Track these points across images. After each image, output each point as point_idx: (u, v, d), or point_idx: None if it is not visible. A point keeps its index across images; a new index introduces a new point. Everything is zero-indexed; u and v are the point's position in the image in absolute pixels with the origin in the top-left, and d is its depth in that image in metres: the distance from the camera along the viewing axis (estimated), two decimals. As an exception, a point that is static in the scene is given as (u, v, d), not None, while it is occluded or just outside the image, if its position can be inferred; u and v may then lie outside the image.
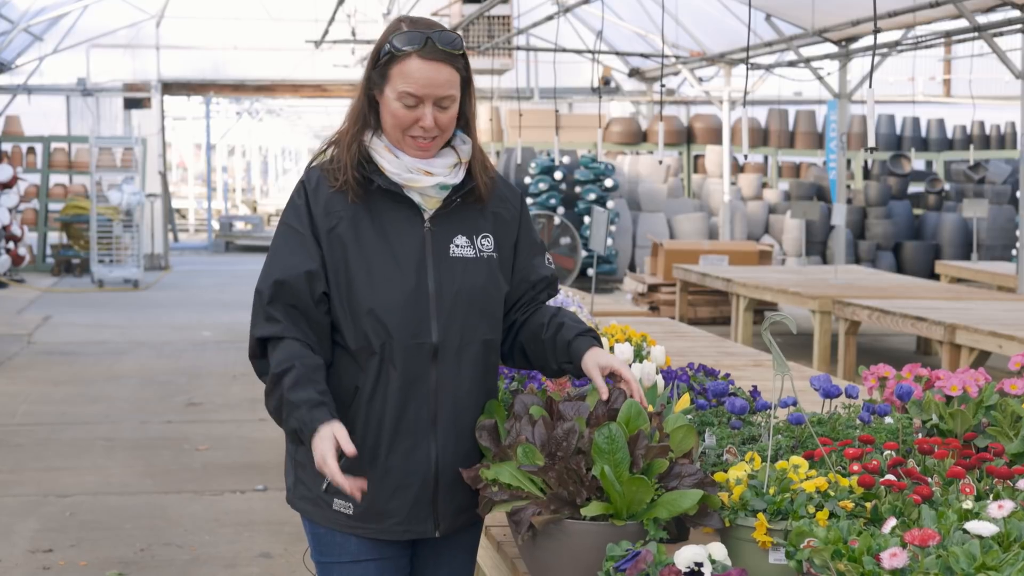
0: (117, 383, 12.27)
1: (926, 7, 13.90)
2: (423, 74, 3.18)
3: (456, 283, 3.27)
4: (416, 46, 3.18)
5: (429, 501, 3.28)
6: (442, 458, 3.27)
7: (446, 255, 3.28)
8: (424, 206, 3.28)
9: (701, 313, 16.64)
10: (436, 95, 3.20)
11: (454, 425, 3.27)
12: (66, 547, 7.23)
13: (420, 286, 3.24)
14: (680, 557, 2.71)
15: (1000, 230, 21.18)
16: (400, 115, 3.21)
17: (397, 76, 3.20)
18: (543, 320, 3.38)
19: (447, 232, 3.29)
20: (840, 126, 18.89)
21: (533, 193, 21.17)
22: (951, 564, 2.40)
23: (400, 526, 3.28)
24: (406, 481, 3.26)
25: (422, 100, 3.19)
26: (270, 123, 48.75)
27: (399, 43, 3.19)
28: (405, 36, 3.19)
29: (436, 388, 3.25)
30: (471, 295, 3.28)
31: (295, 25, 24.19)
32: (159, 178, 25.28)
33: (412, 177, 3.25)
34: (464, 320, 3.27)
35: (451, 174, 3.29)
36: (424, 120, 3.20)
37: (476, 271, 3.30)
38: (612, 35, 23.82)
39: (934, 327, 10.04)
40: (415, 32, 3.20)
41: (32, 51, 24.34)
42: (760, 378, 6.06)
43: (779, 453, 3.55)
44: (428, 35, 3.18)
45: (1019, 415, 3.63)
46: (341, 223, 3.24)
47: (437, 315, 3.24)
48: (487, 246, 3.34)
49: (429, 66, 3.18)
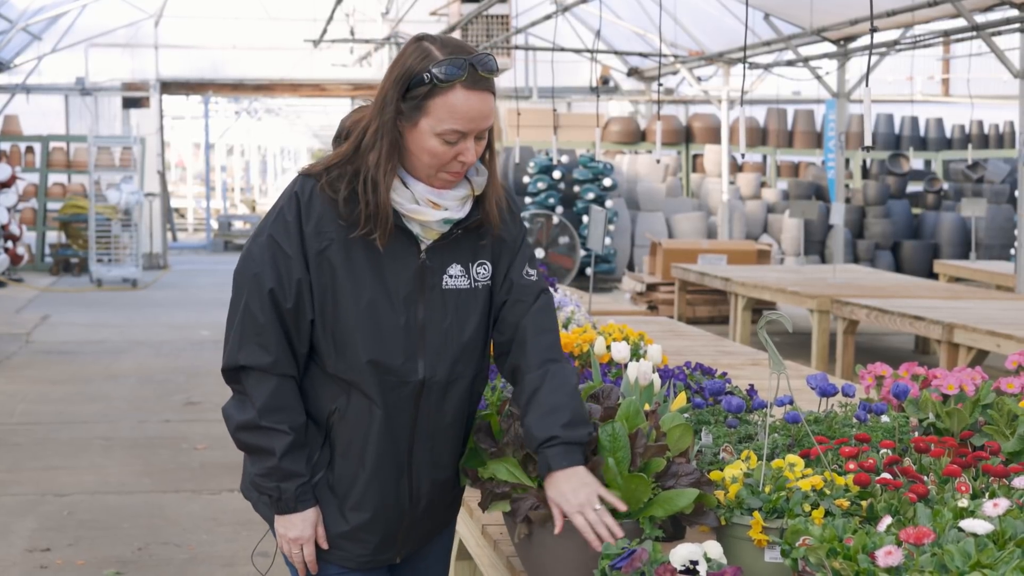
0: (115, 382, 12.27)
1: (924, 6, 13.90)
2: (470, 107, 2.94)
3: (448, 319, 3.09)
4: (460, 75, 2.92)
5: (395, 534, 3.20)
6: (417, 489, 3.17)
7: (439, 288, 3.09)
8: (423, 237, 3.07)
9: (700, 312, 16.64)
10: (480, 128, 2.99)
11: (431, 455, 3.16)
12: (64, 546, 7.22)
13: (409, 322, 3.06)
14: (676, 555, 2.71)
15: (999, 229, 21.18)
16: (439, 152, 2.97)
17: (442, 110, 2.93)
18: (519, 401, 3.14)
19: (442, 262, 3.09)
20: (839, 125, 18.89)
21: (532, 192, 21.18)
22: (946, 562, 2.40)
23: (364, 556, 3.20)
24: (377, 513, 3.15)
25: (466, 135, 2.97)
26: (269, 122, 48.76)
27: (441, 73, 2.91)
28: (446, 64, 2.92)
29: (416, 421, 3.11)
30: (461, 332, 3.11)
31: (294, 24, 24.20)
32: (158, 177, 25.28)
33: (418, 209, 3.02)
34: (453, 358, 3.11)
35: (459, 208, 3.06)
36: (466, 155, 2.98)
37: (469, 305, 3.13)
38: (611, 34, 23.82)
39: (932, 326, 10.04)
40: (456, 58, 2.93)
41: (31, 50, 24.34)
42: (757, 377, 6.06)
43: (775, 452, 3.56)
44: (471, 61, 2.93)
45: (1015, 414, 3.63)
46: (332, 245, 3.02)
47: (425, 352, 3.07)
48: (483, 275, 3.15)
49: (476, 97, 2.95)
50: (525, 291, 3.18)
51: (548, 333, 3.18)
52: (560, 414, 3.04)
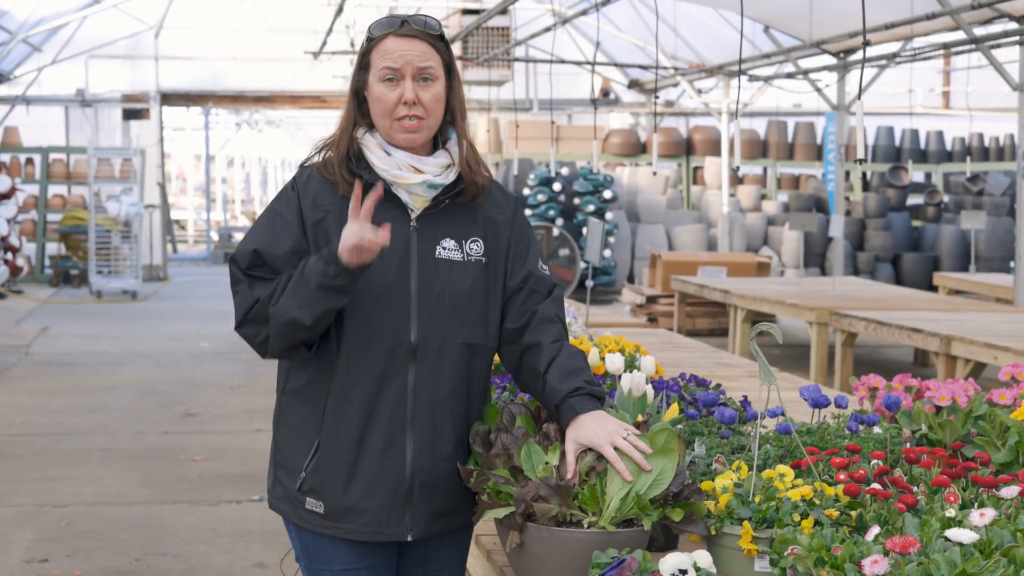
0: (114, 394, 12.27)
1: (923, 19, 13.93)
2: (399, 47, 3.23)
3: (440, 284, 3.25)
4: (392, 28, 3.25)
5: (402, 503, 3.26)
6: (418, 460, 3.25)
7: (431, 256, 3.26)
8: (412, 205, 3.27)
9: (699, 324, 16.65)
10: (415, 66, 3.22)
11: (431, 427, 3.25)
12: (61, 557, 7.23)
13: (401, 284, 3.23)
14: (665, 564, 2.73)
15: (998, 242, 21.19)
16: (384, 98, 3.23)
17: (376, 57, 3.25)
18: (538, 368, 3.31)
19: (434, 233, 3.28)
20: (839, 138, 18.92)
21: (532, 204, 21.18)
22: (932, 571, 2.41)
23: (370, 527, 3.26)
24: (378, 479, 3.23)
25: (402, 73, 3.22)
26: (269, 134, 48.75)
27: (375, 29, 3.27)
28: (382, 22, 3.27)
29: (414, 388, 3.23)
30: (454, 296, 3.26)
31: (294, 36, 24.22)
32: (158, 189, 25.29)
33: (400, 174, 3.24)
34: (446, 321, 3.25)
35: (442, 174, 3.28)
36: (406, 94, 3.22)
37: (462, 274, 3.28)
38: (612, 47, 23.85)
39: (930, 338, 10.05)
40: (391, 17, 3.28)
41: (31, 62, 24.35)
42: (753, 389, 6.07)
43: (767, 462, 3.57)
44: (403, 18, 3.26)
45: (1007, 425, 3.64)
46: (328, 216, 3.24)
47: (418, 315, 3.22)
48: (476, 251, 3.32)
49: (405, 41, 3.24)
50: (541, 283, 3.40)
51: (561, 322, 3.40)
52: (581, 374, 3.26)
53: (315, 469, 3.26)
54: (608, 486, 3.07)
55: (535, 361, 3.31)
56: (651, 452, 3.09)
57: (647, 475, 3.06)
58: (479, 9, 20.06)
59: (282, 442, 3.34)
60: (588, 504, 3.06)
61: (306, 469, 3.27)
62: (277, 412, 3.39)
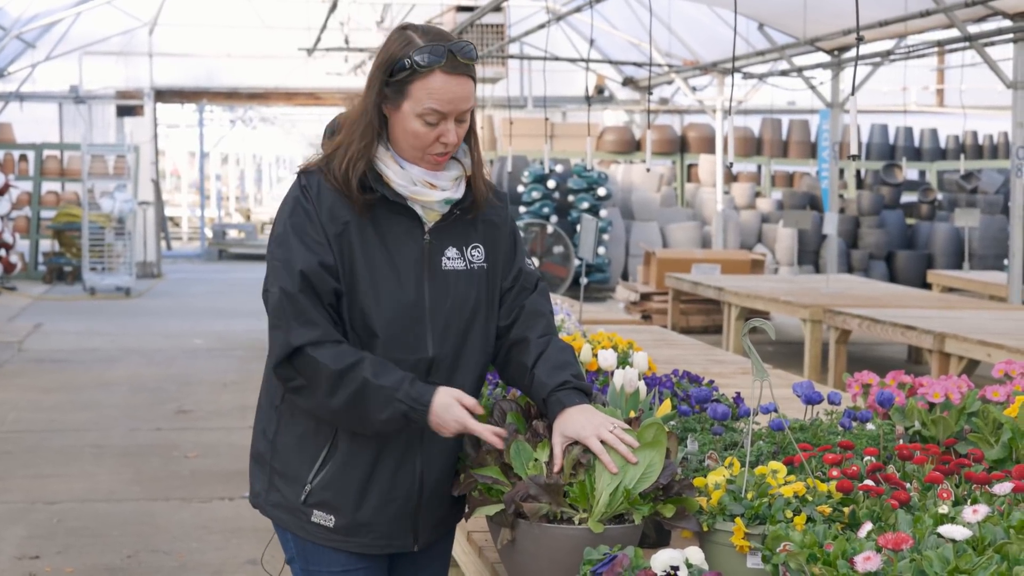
0: (107, 390, 12.25)
1: (917, 16, 13.92)
2: (449, 89, 3.09)
3: (449, 297, 3.22)
4: (439, 61, 3.07)
5: (411, 515, 3.27)
6: (427, 474, 3.25)
7: (440, 268, 3.22)
8: (426, 219, 3.22)
9: (693, 322, 16.64)
10: (460, 110, 3.13)
11: (441, 440, 3.22)
12: (53, 554, 7.21)
13: (418, 300, 3.19)
14: (656, 561, 2.72)
15: (992, 240, 21.19)
16: (421, 134, 3.12)
17: (421, 93, 3.09)
18: (526, 362, 3.29)
19: (440, 244, 3.23)
20: (833, 135, 18.91)
21: (526, 201, 21.17)
22: (924, 568, 2.40)
23: (381, 540, 3.27)
24: (391, 495, 3.22)
25: (446, 117, 3.11)
26: (264, 131, 48.79)
27: (421, 59, 3.07)
28: (427, 51, 3.07)
29: None
30: (462, 308, 3.24)
31: (288, 33, 24.21)
32: (152, 186, 25.28)
33: (418, 190, 3.18)
34: (458, 335, 3.24)
35: (455, 188, 3.23)
36: (447, 136, 3.12)
37: (468, 285, 3.26)
38: (606, 44, 23.84)
39: (924, 336, 10.04)
40: (436, 45, 3.08)
41: (24, 58, 24.32)
42: (746, 385, 6.07)
43: (760, 459, 3.56)
44: (449, 48, 3.08)
45: (1000, 422, 3.64)
46: (348, 227, 3.15)
47: (432, 330, 3.20)
48: (477, 257, 3.29)
49: (454, 81, 3.09)
50: (529, 278, 3.41)
51: (548, 315, 3.41)
52: (569, 368, 3.26)
53: (325, 484, 3.22)
54: (596, 481, 3.06)
55: (523, 356, 3.30)
56: (638, 445, 3.07)
57: (635, 468, 3.06)
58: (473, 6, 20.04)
59: (283, 450, 3.27)
60: (579, 501, 3.05)
61: (312, 482, 3.23)
62: (274, 416, 3.30)
